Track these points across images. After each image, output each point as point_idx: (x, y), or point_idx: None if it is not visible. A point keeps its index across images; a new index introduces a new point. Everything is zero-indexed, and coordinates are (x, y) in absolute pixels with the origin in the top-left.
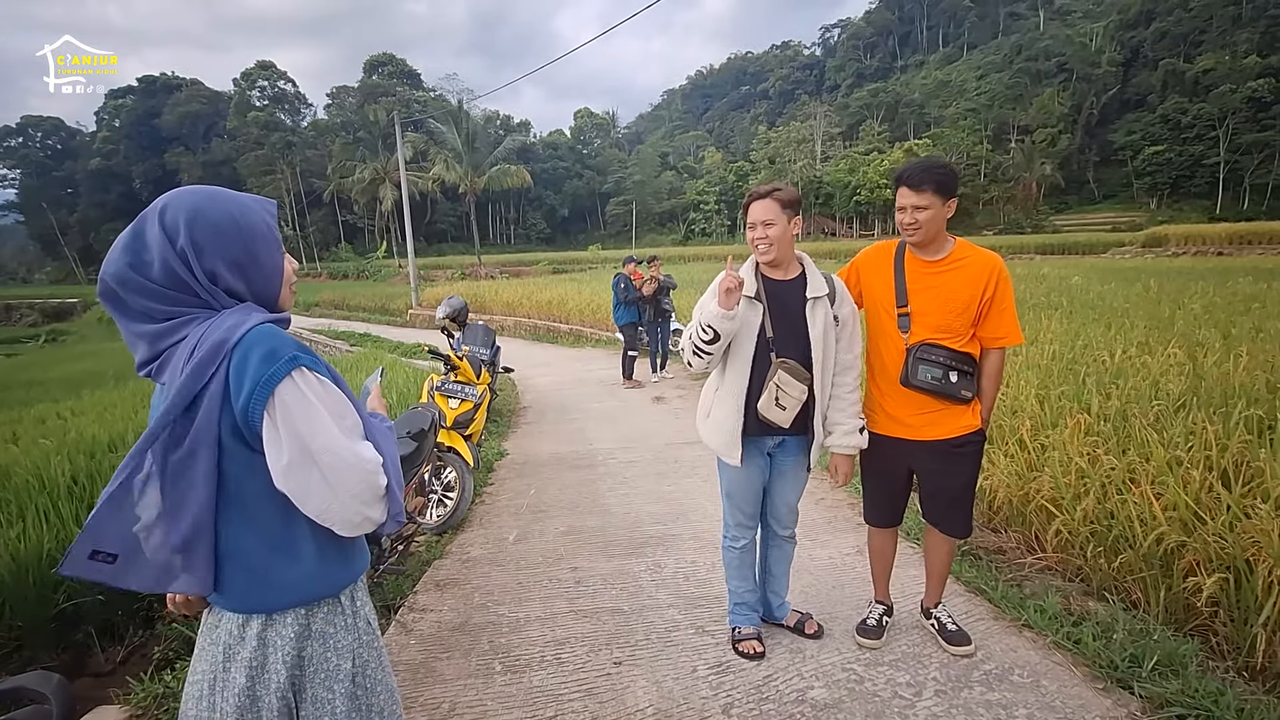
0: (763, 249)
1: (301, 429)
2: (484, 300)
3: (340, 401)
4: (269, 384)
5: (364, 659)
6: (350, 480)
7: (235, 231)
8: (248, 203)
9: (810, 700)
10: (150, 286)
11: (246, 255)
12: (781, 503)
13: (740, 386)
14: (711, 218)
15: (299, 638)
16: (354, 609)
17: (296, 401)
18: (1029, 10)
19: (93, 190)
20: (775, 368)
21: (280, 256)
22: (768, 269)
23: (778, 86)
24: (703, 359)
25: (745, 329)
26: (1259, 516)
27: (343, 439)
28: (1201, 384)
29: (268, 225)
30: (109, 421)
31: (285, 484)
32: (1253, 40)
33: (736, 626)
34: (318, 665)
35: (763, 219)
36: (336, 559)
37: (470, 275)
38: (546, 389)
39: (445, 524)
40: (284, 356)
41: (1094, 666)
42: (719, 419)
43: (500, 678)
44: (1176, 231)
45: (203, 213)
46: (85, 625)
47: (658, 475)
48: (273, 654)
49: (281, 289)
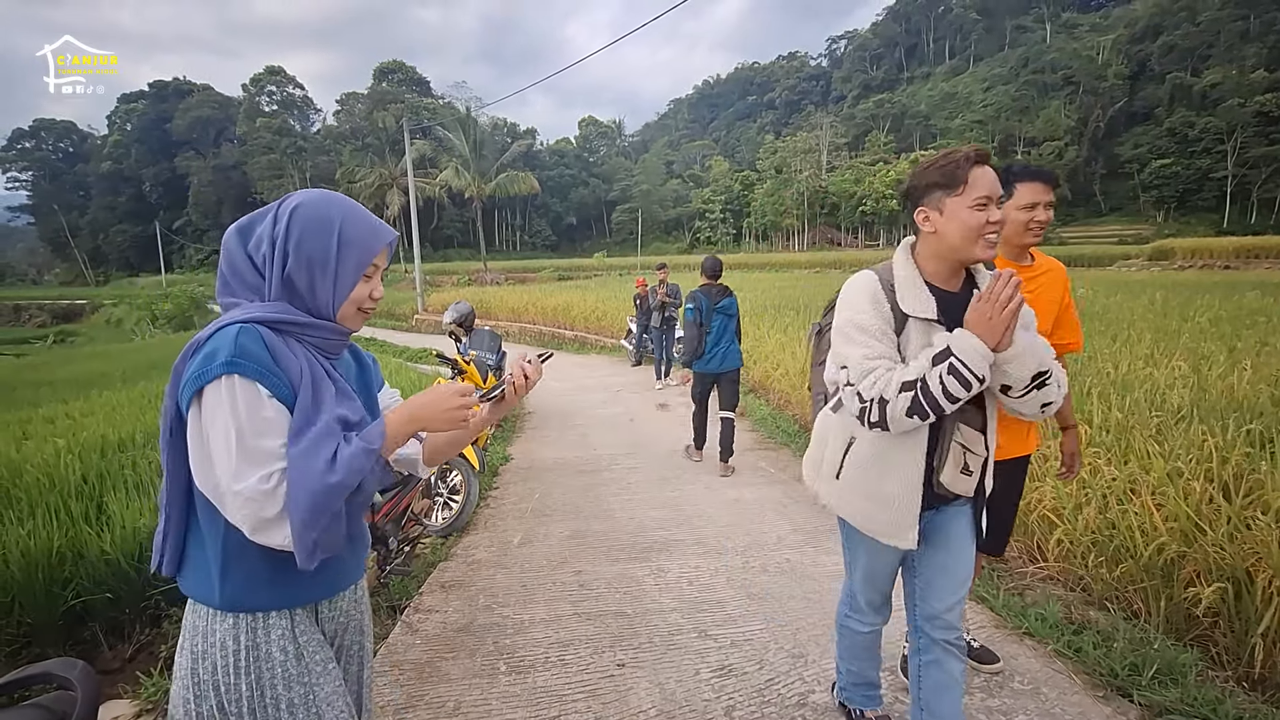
0: (995, 239)
1: (210, 431)
2: (490, 306)
3: (261, 421)
4: (195, 383)
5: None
6: (228, 502)
7: (323, 233)
8: (357, 220)
9: (812, 704)
10: (241, 253)
11: (324, 259)
12: (946, 588)
13: (919, 447)
14: (717, 226)
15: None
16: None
17: (214, 406)
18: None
19: (103, 193)
20: (953, 423)
21: (357, 277)
22: (934, 271)
23: (784, 97)
24: (925, 417)
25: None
26: (1259, 527)
27: (231, 458)
28: (1205, 396)
29: (361, 244)
30: (118, 421)
31: (196, 481)
32: (1260, 55)
33: (858, 708)
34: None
35: (998, 192)
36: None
37: (476, 281)
38: (551, 395)
39: (450, 527)
40: (219, 360)
41: (1094, 675)
42: (890, 493)
43: (505, 678)
44: (1183, 245)
45: (310, 206)
46: (93, 622)
47: (661, 481)
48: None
49: (344, 307)
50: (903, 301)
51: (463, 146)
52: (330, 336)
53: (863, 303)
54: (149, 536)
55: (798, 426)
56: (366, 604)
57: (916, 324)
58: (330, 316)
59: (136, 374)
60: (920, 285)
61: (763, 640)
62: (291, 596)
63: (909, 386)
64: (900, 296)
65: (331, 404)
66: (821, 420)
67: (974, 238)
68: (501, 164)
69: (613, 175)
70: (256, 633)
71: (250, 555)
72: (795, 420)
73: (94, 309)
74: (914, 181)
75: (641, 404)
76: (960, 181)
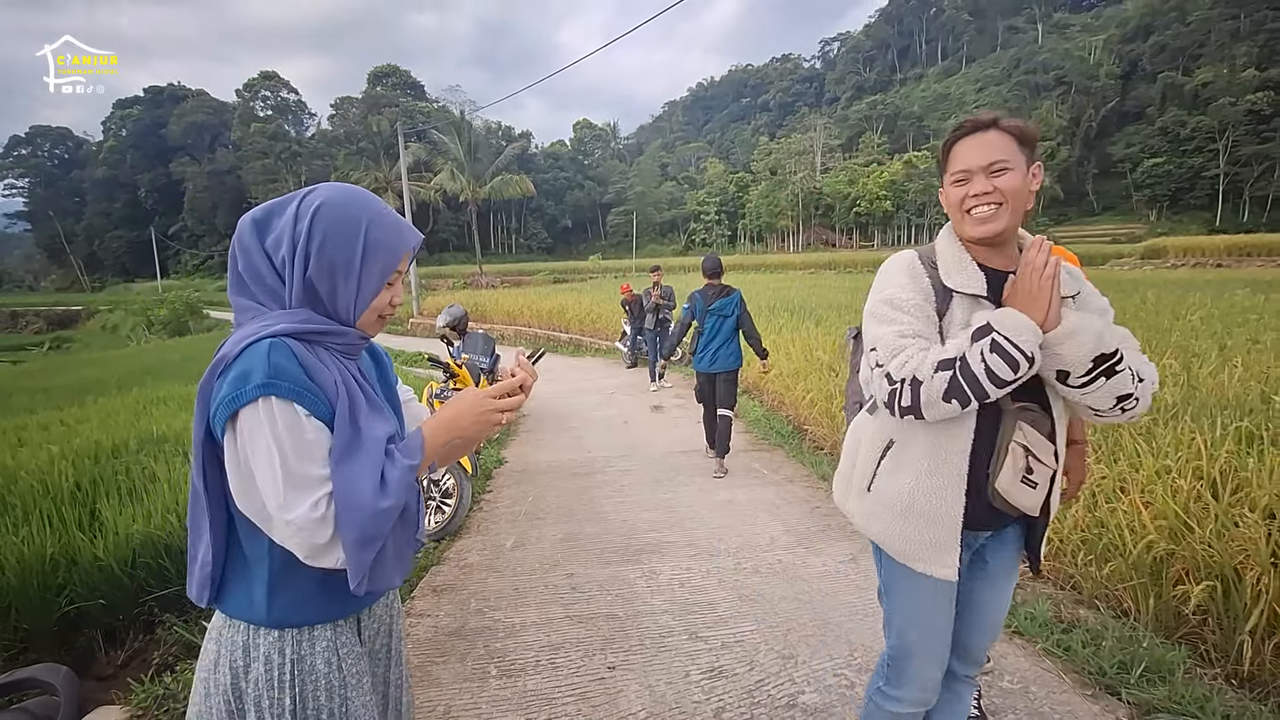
0: (984, 213)
1: (251, 458)
2: (485, 309)
3: (304, 443)
4: (229, 406)
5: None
6: (279, 530)
7: (348, 236)
8: (384, 221)
9: (801, 705)
10: (258, 249)
11: (348, 263)
12: (983, 624)
13: (960, 451)
14: (712, 228)
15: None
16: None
17: (251, 432)
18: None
19: (99, 199)
20: (1013, 419)
21: (381, 283)
22: (981, 250)
23: (778, 98)
24: (966, 403)
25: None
26: (1247, 525)
27: (278, 485)
28: (1195, 394)
29: (387, 248)
30: (112, 428)
31: (239, 505)
32: (1251, 54)
33: None
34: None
35: (985, 161)
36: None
37: (471, 284)
38: (546, 398)
39: (443, 530)
40: (253, 381)
41: (1083, 673)
42: (925, 509)
43: (495, 681)
44: (1175, 243)
45: (334, 206)
46: (88, 629)
47: (654, 483)
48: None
49: (365, 313)
50: (947, 276)
51: (457, 150)
52: (354, 342)
53: (898, 278)
54: (142, 543)
55: (791, 427)
56: (398, 606)
57: (962, 301)
58: (350, 323)
59: (131, 380)
60: (967, 260)
61: (753, 642)
62: (339, 609)
63: (947, 365)
64: (944, 271)
65: (368, 418)
66: (854, 428)
67: (958, 215)
68: (496, 167)
69: (607, 178)
70: (302, 645)
71: (300, 573)
72: (789, 421)
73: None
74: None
75: (636, 406)
76: (943, 159)
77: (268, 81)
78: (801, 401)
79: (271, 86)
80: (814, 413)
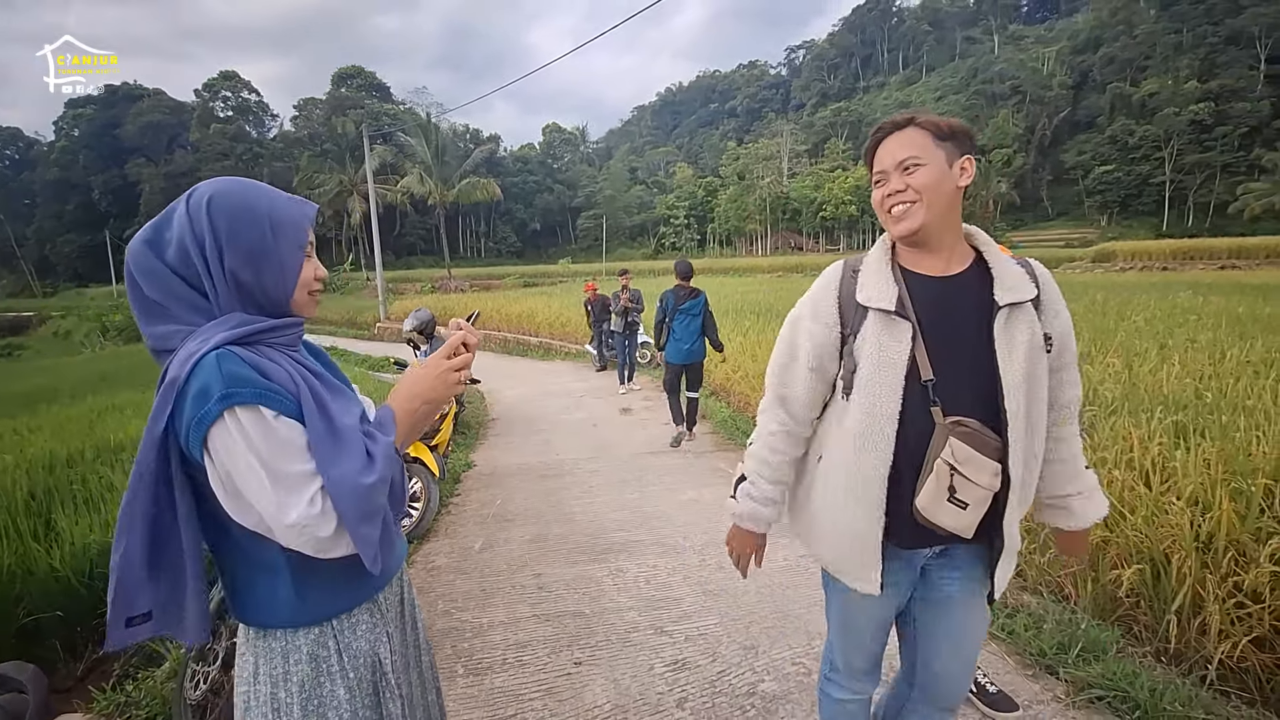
0: (899, 211)
1: (233, 475)
2: (454, 313)
3: (280, 444)
4: (199, 428)
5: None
6: (282, 535)
7: (255, 219)
8: (279, 197)
9: (760, 693)
10: (161, 268)
11: (262, 246)
12: (944, 656)
13: (877, 465)
14: (681, 232)
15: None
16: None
17: (227, 447)
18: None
19: (50, 201)
20: (944, 435)
21: (300, 256)
22: (911, 254)
23: (745, 104)
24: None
25: (882, 366)
26: (1174, 512)
27: (268, 493)
28: (1135, 391)
29: (294, 222)
30: (66, 437)
31: (237, 519)
32: (1193, 66)
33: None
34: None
35: (897, 159)
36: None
37: (440, 288)
38: (515, 401)
39: (410, 534)
40: (214, 396)
41: (1025, 655)
42: (838, 522)
43: (462, 680)
44: (1124, 248)
45: (228, 195)
46: (48, 640)
47: (622, 483)
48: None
49: (296, 291)
50: (860, 289)
51: (425, 153)
52: (294, 332)
53: (807, 301)
54: (99, 554)
55: None
56: (408, 576)
57: (874, 317)
58: (285, 309)
59: (86, 387)
60: (885, 270)
61: (716, 634)
62: (370, 588)
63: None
64: (860, 284)
65: (335, 404)
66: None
67: (883, 216)
68: (465, 170)
69: (577, 181)
70: (344, 633)
71: (322, 563)
72: (754, 422)
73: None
74: None
75: (605, 409)
76: (870, 162)
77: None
78: None
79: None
80: None
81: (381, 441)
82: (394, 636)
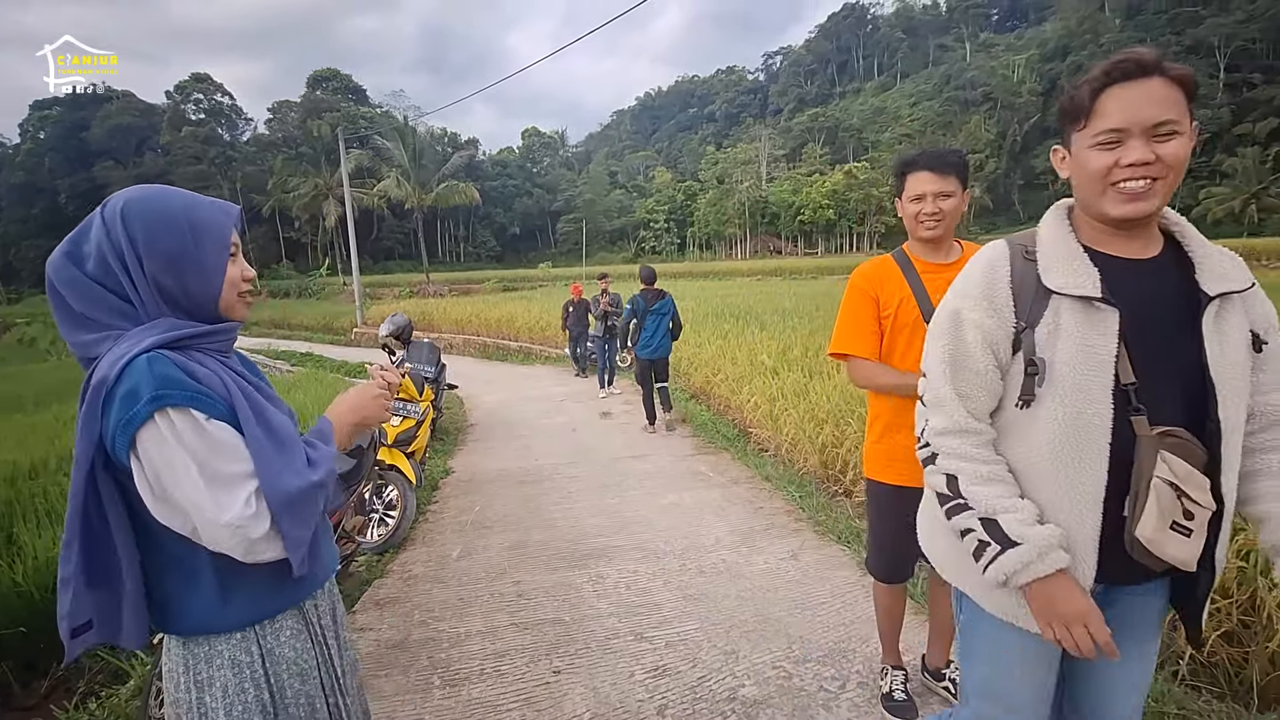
0: (1137, 188)
1: (162, 476)
2: (432, 318)
3: (214, 445)
4: (127, 429)
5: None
6: (211, 533)
7: (172, 225)
8: (197, 201)
9: (741, 698)
10: (83, 279)
11: (182, 251)
12: (1108, 701)
13: (1090, 488)
14: (661, 236)
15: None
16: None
17: (156, 448)
18: (956, 42)
19: (14, 205)
20: (1153, 449)
21: (224, 258)
22: (1100, 232)
23: (724, 109)
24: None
25: (1087, 366)
26: None
27: (203, 492)
28: None
29: (215, 225)
30: (30, 447)
31: (164, 522)
32: None
33: None
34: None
35: (1153, 119)
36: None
37: (418, 293)
38: (494, 406)
39: (387, 543)
40: (143, 397)
41: None
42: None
43: (438, 692)
44: None
45: (144, 202)
46: (7, 659)
47: (602, 488)
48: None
49: (223, 293)
50: (1047, 273)
51: (402, 156)
52: (227, 336)
53: (973, 283)
54: None
55: (737, 431)
56: (337, 591)
57: (1070, 306)
58: (213, 312)
59: (50, 396)
60: (1076, 251)
61: (696, 639)
62: (299, 590)
63: (958, 500)
64: (1045, 266)
65: (271, 408)
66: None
67: (1098, 188)
68: (443, 174)
69: (556, 185)
70: (267, 637)
71: (249, 567)
72: (735, 425)
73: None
74: (1058, 115)
75: (585, 413)
76: (1082, 110)
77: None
78: (746, 405)
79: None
80: (758, 415)
81: (322, 449)
82: (324, 644)
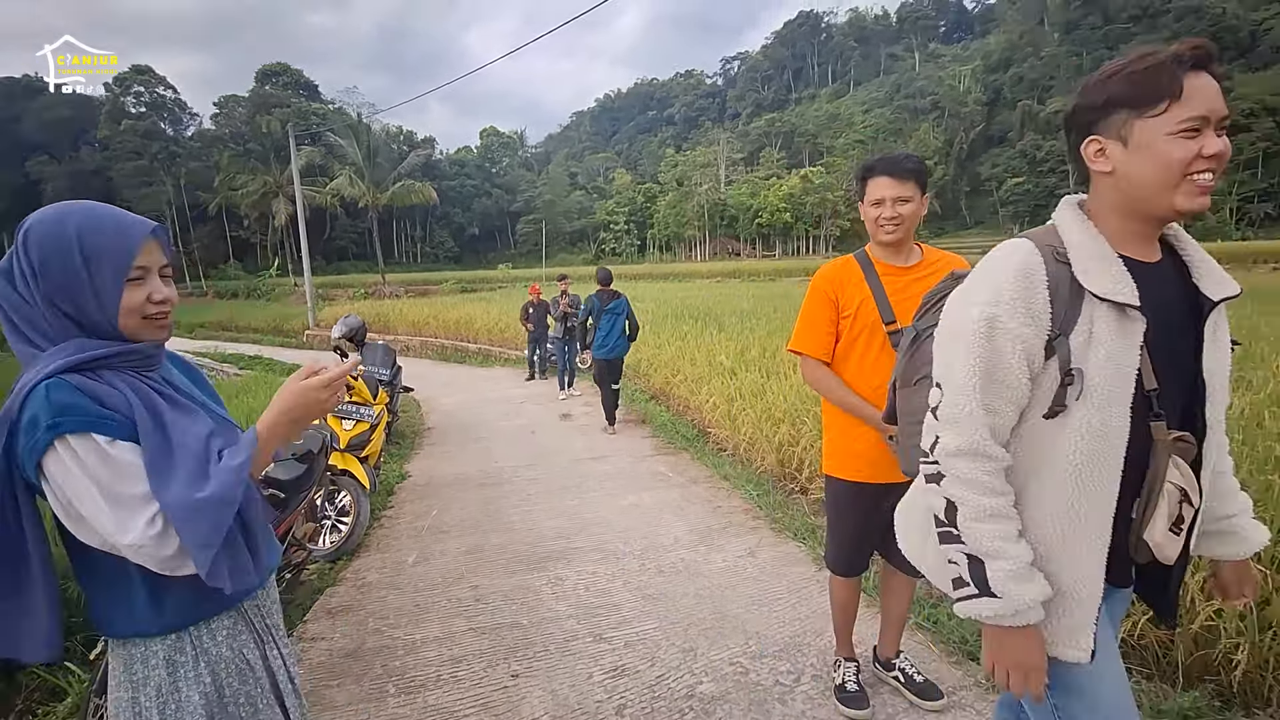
0: (1208, 182)
1: (71, 500)
2: (389, 320)
3: (116, 468)
4: (32, 456)
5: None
6: (125, 553)
7: (63, 250)
8: (99, 224)
9: (699, 695)
10: (13, 296)
11: (73, 276)
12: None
13: (1104, 498)
14: (621, 237)
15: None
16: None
17: (61, 474)
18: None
19: None
20: (1166, 454)
21: (118, 284)
22: (1121, 232)
23: (683, 112)
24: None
25: (1118, 376)
26: None
27: (107, 515)
28: None
29: (112, 249)
30: None
31: (81, 538)
32: None
33: None
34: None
35: (1223, 113)
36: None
37: (374, 294)
38: (453, 409)
39: (339, 550)
40: (41, 426)
41: (949, 643)
42: (1055, 576)
43: (393, 700)
44: None
45: (40, 225)
46: None
47: (561, 490)
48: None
49: (121, 319)
50: (1085, 275)
51: (356, 154)
52: (138, 355)
53: (1008, 287)
54: None
55: (696, 431)
56: (276, 593)
57: (1104, 314)
58: (115, 334)
59: None
60: (1108, 253)
61: (655, 638)
62: (231, 596)
63: (957, 537)
64: (1081, 268)
65: (177, 424)
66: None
67: (1175, 179)
68: (399, 173)
69: (515, 186)
70: (203, 638)
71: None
72: (694, 425)
73: None
74: (1087, 99)
75: (544, 415)
76: (1164, 94)
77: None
78: (705, 405)
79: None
80: (716, 416)
81: (225, 463)
82: (270, 643)
